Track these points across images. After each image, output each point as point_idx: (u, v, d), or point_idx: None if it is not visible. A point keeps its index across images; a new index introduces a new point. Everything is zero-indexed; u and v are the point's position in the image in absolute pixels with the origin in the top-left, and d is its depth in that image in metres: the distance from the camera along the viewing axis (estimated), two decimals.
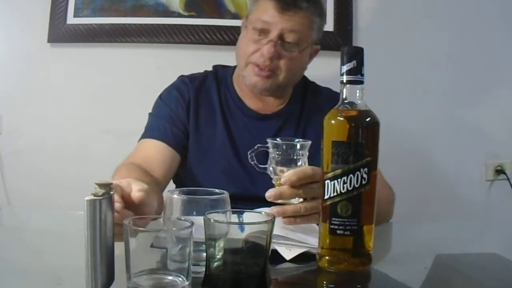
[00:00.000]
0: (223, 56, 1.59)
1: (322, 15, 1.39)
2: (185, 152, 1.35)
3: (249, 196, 1.13)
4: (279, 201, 0.95)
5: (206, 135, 1.37)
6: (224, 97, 1.41)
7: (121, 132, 1.92)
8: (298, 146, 1.01)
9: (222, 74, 1.45)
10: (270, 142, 1.02)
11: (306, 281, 0.87)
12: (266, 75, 1.31)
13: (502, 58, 2.13)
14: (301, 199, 0.94)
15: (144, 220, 0.73)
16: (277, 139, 1.02)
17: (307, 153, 1.01)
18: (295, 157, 1.00)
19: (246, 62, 1.33)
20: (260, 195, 0.95)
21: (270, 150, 1.02)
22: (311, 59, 1.42)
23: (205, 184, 1.03)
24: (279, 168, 1.01)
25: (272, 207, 0.93)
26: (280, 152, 1.00)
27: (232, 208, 0.83)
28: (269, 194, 0.93)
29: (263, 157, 1.06)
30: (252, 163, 1.07)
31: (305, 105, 1.43)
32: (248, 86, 1.35)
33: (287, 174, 0.92)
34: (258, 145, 1.06)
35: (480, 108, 2.12)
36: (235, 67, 1.44)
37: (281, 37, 1.29)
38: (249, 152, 1.08)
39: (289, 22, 1.29)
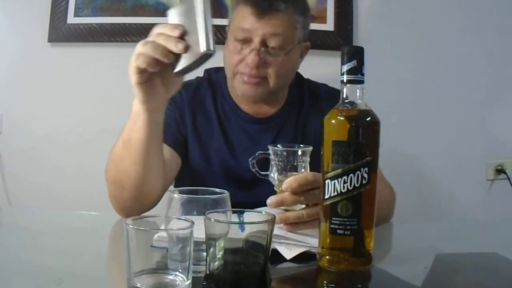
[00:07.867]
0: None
1: (305, 12, 1.32)
2: (185, 153, 1.33)
3: (249, 202, 1.12)
4: (281, 208, 0.94)
5: (205, 142, 1.34)
6: (220, 103, 1.37)
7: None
8: (300, 152, 1.00)
9: (216, 79, 1.41)
10: (271, 148, 1.02)
11: (306, 281, 0.87)
12: (255, 82, 1.27)
13: (503, 58, 2.13)
14: (303, 205, 0.94)
15: None
16: (278, 145, 1.02)
17: (309, 159, 1.01)
18: (296, 164, 1.00)
19: (233, 72, 1.29)
20: (260, 201, 0.95)
21: (271, 156, 1.02)
22: (302, 58, 1.37)
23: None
24: (280, 174, 1.00)
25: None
26: (281, 159, 1.00)
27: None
28: (271, 201, 0.92)
29: (264, 164, 1.06)
30: (254, 170, 1.06)
31: (303, 105, 1.40)
32: (240, 95, 1.33)
33: (289, 181, 0.92)
34: (259, 152, 1.05)
35: (480, 108, 2.12)
36: None
37: (263, 43, 1.24)
38: (250, 159, 1.07)
39: (269, 26, 1.23)
